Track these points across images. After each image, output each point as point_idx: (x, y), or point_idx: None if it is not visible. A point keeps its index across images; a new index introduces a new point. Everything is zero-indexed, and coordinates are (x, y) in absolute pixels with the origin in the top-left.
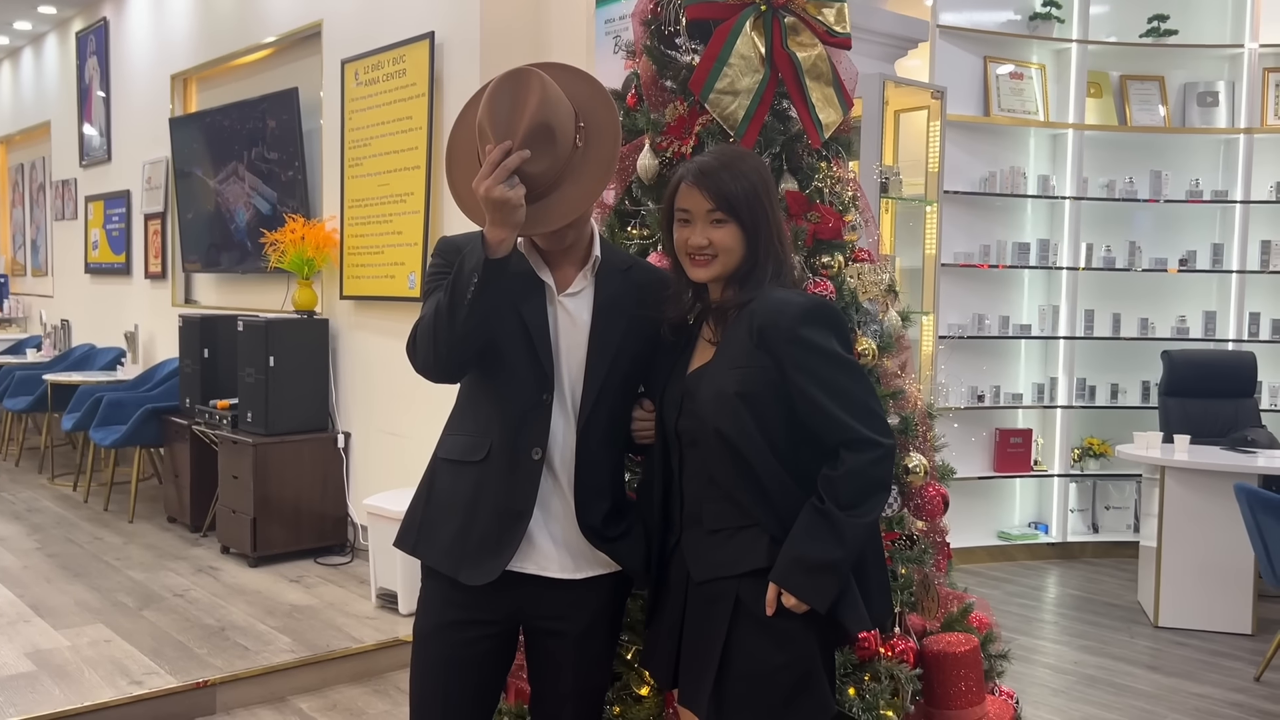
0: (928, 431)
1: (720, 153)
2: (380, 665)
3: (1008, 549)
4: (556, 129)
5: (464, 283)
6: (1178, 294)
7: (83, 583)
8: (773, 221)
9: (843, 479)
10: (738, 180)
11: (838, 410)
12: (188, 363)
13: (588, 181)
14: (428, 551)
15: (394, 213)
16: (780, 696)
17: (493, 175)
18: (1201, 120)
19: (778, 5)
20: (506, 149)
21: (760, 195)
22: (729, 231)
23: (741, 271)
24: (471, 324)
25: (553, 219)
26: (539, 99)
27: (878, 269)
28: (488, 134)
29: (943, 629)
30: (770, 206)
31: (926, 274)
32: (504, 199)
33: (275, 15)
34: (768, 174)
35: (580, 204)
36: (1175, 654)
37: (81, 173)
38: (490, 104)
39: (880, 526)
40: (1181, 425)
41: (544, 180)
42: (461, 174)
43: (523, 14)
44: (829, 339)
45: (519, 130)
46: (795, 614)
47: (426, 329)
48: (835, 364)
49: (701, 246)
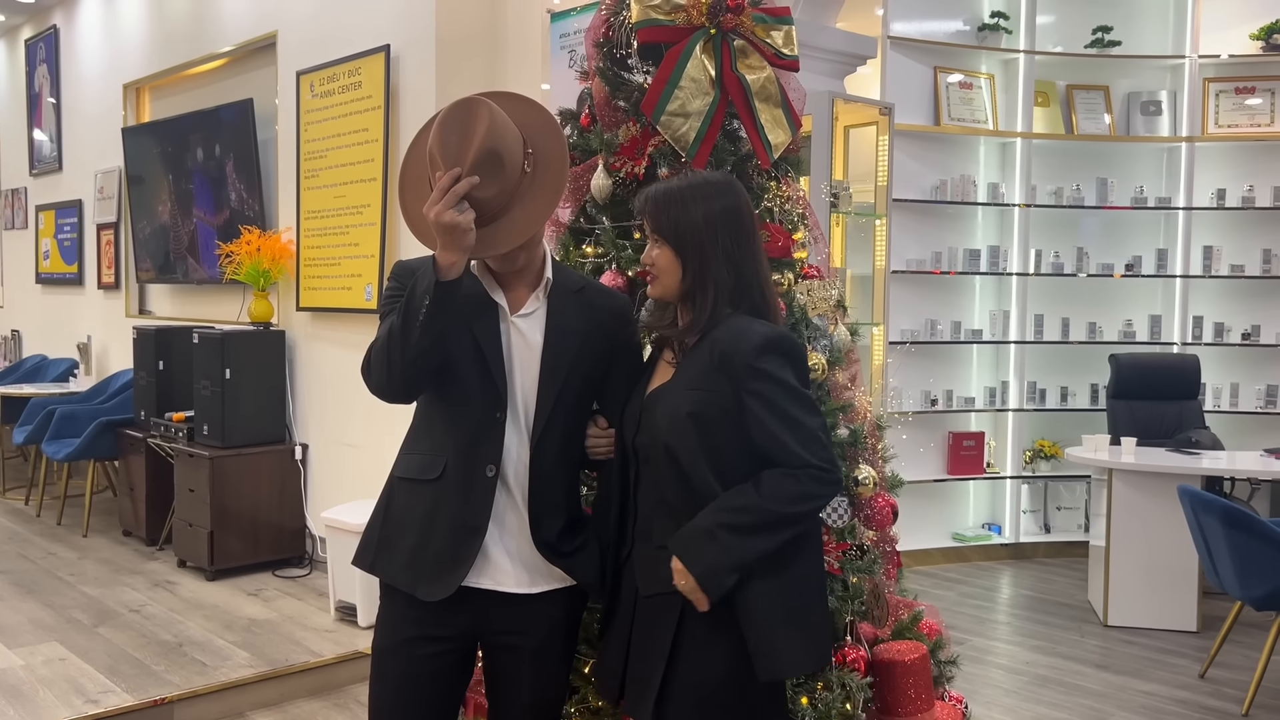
0: (877, 443)
1: (687, 179)
2: (340, 679)
3: (962, 550)
4: (505, 155)
5: (416, 305)
6: (1124, 299)
7: (36, 599)
8: (720, 250)
9: (776, 479)
10: (685, 208)
11: (788, 439)
12: (142, 374)
13: (536, 205)
14: (386, 568)
15: (350, 224)
16: (723, 708)
17: (442, 201)
18: (1145, 129)
19: (727, 29)
20: (456, 175)
21: (704, 224)
22: (664, 254)
23: (682, 294)
24: (424, 345)
25: (502, 242)
26: (486, 127)
27: (827, 285)
28: (438, 161)
29: (893, 637)
30: (723, 236)
31: (876, 285)
32: (454, 223)
33: (229, 25)
34: (731, 203)
35: (529, 227)
36: (1124, 652)
37: (32, 181)
38: (440, 132)
39: (825, 566)
40: (1129, 427)
41: (493, 205)
42: (413, 199)
43: (478, 27)
44: (785, 370)
45: (467, 157)
46: (737, 630)
47: (380, 350)
48: (789, 395)
49: (645, 265)
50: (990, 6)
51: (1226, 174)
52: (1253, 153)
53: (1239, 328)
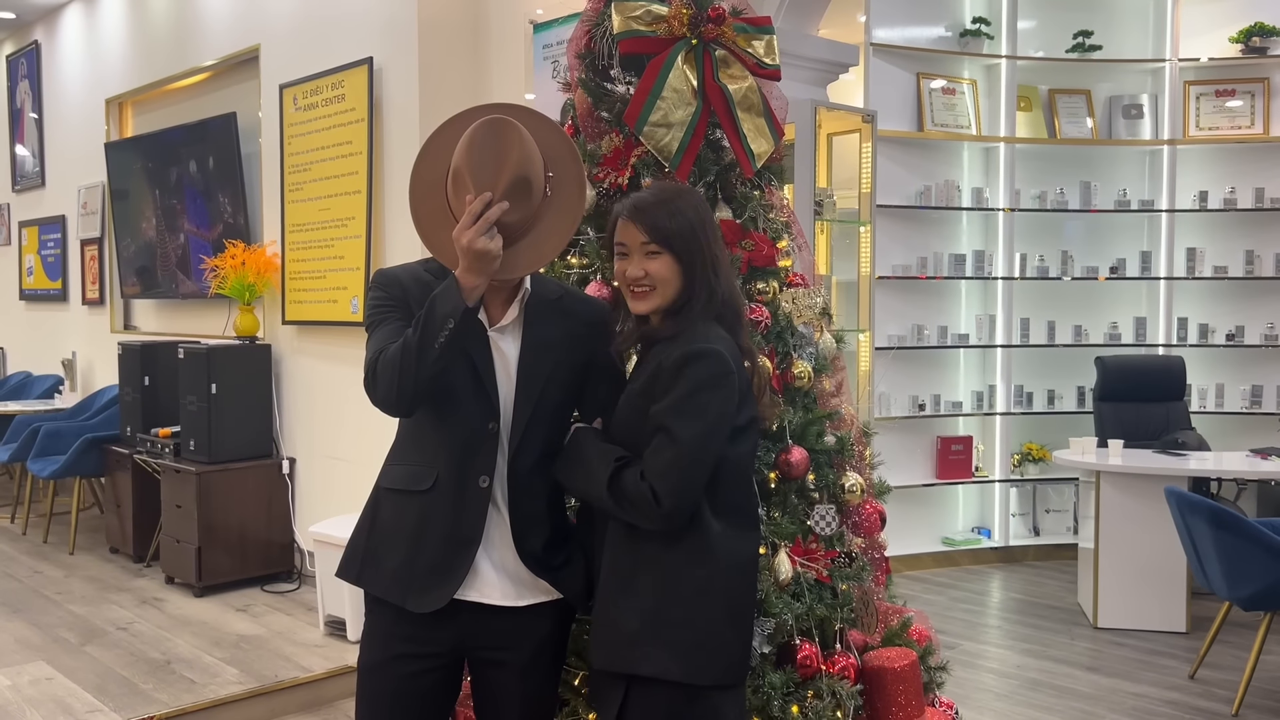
0: (864, 450)
1: (658, 189)
2: (330, 694)
3: (952, 554)
4: (532, 181)
5: (436, 327)
6: (1109, 301)
7: (22, 618)
8: (708, 255)
9: (634, 483)
10: (673, 215)
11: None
12: (128, 390)
13: (555, 231)
14: (373, 581)
15: (335, 237)
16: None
17: (474, 227)
18: (1127, 132)
19: (708, 39)
20: (488, 200)
21: (695, 229)
22: (664, 263)
23: (678, 304)
24: (440, 365)
25: (521, 266)
26: (519, 154)
27: (811, 293)
28: (467, 183)
29: (883, 644)
30: (706, 241)
31: (862, 291)
32: (485, 250)
33: (212, 39)
34: (706, 210)
35: (548, 253)
36: (1114, 654)
37: (15, 197)
38: (471, 152)
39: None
40: (1116, 429)
41: (516, 229)
42: (428, 213)
43: (461, 39)
44: (689, 378)
45: (501, 183)
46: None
47: (391, 367)
48: (682, 402)
49: (639, 278)
50: (972, 12)
51: (1208, 176)
52: (1234, 155)
53: (1223, 329)
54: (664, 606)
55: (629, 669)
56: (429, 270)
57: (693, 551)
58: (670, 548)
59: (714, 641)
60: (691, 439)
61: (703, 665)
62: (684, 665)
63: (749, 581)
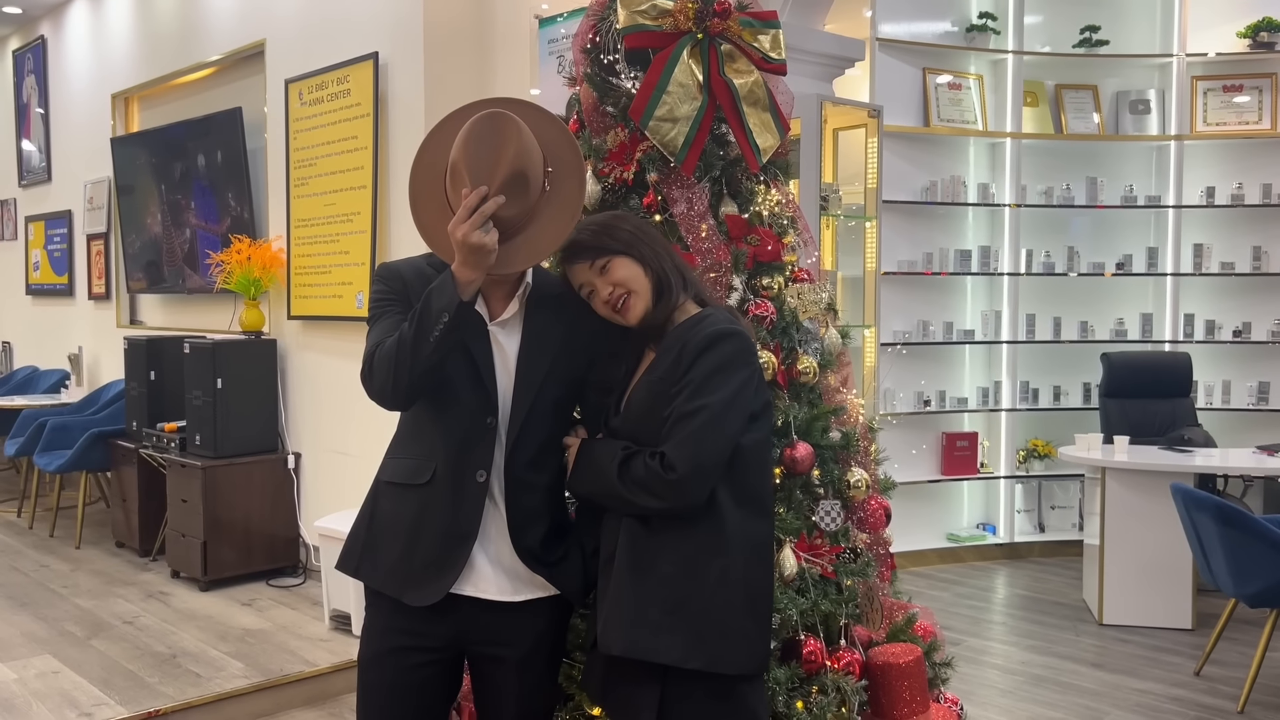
0: (869, 445)
1: (583, 223)
2: (335, 688)
3: (957, 551)
4: (530, 176)
5: (431, 320)
6: (1115, 297)
7: (29, 612)
8: (654, 244)
9: (643, 463)
10: (602, 230)
11: (677, 422)
12: (134, 385)
13: (554, 226)
14: (371, 574)
15: (341, 232)
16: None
17: (469, 220)
18: (1134, 128)
19: (714, 33)
20: (483, 194)
21: (629, 230)
22: (619, 264)
23: (657, 292)
24: (436, 359)
25: (519, 261)
26: (516, 148)
27: (817, 288)
28: (464, 177)
29: (888, 639)
30: (646, 234)
31: (867, 287)
32: (480, 244)
33: (217, 34)
34: (637, 219)
35: (547, 248)
36: (1119, 651)
37: (21, 192)
38: (468, 146)
39: (773, 569)
40: (1121, 426)
41: (513, 224)
42: (427, 207)
43: (466, 33)
44: (717, 353)
45: (496, 177)
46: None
47: (387, 359)
48: (707, 377)
49: (611, 292)
50: (978, 7)
51: (1215, 172)
52: (1241, 150)
53: (1230, 325)
54: (684, 596)
55: (648, 657)
56: (432, 264)
57: (712, 540)
58: (689, 536)
59: (735, 631)
60: (710, 406)
61: (723, 654)
62: (705, 654)
63: (766, 570)
